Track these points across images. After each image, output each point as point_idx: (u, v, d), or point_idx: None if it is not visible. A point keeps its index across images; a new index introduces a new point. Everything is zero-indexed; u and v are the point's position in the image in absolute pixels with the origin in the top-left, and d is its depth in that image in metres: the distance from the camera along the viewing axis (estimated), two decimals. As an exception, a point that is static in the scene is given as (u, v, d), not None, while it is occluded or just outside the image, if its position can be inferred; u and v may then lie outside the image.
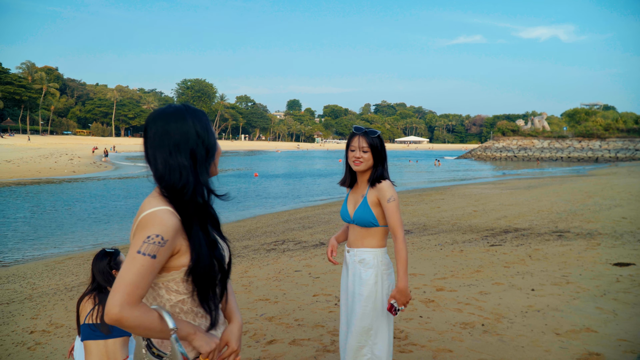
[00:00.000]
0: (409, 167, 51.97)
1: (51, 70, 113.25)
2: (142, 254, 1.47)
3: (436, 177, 36.99)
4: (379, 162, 2.95)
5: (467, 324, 4.64)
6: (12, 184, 24.67)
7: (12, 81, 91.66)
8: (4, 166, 31.38)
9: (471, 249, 8.33)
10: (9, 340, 4.94)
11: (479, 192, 20.56)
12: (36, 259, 10.30)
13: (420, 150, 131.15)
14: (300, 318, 5.03)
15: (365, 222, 2.92)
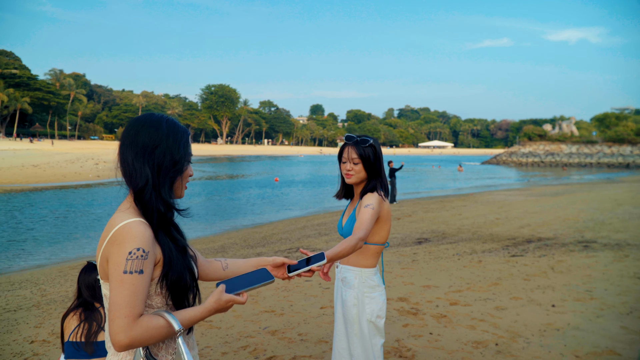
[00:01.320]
0: (432, 172, 51.32)
1: (79, 77, 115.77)
2: (129, 273, 1.43)
3: (459, 183, 36.38)
4: (373, 175, 2.69)
5: (480, 343, 4.35)
6: (37, 189, 25.06)
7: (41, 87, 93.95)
8: (31, 171, 31.95)
9: (490, 259, 7.99)
10: (9, 350, 4.83)
11: (502, 198, 20.05)
12: (51, 265, 10.29)
13: (444, 155, 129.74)
14: (304, 332, 4.81)
15: None
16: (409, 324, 4.89)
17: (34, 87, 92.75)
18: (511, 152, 76.31)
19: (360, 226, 2.52)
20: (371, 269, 2.70)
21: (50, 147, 61.49)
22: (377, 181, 2.69)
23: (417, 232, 11.81)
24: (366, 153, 2.65)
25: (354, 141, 2.69)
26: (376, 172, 2.69)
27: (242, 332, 4.86)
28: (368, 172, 2.68)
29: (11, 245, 12.13)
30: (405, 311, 5.28)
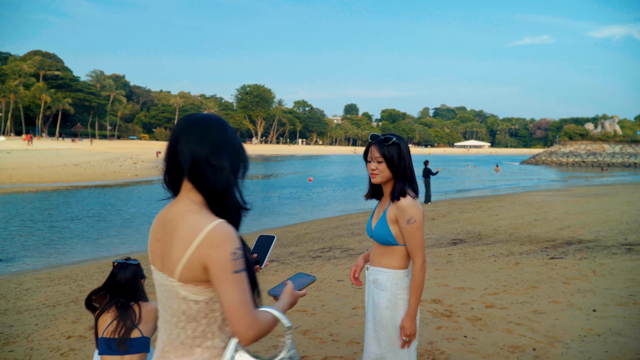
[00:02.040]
0: (467, 172, 50.46)
1: (118, 78, 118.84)
2: (239, 272, 1.47)
3: (496, 183, 35.65)
4: (398, 175, 2.61)
5: (517, 347, 4.21)
6: (78, 187, 25.82)
7: (82, 88, 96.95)
8: (72, 169, 32.95)
9: (528, 261, 7.77)
10: (46, 344, 4.95)
11: (541, 199, 19.52)
12: (90, 261, 10.56)
13: (481, 154, 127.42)
14: (335, 333, 4.76)
15: (382, 240, 2.62)
16: (443, 326, 4.79)
17: (76, 88, 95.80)
18: (551, 151, 74.32)
19: (415, 250, 2.53)
20: (403, 271, 2.63)
21: (89, 146, 63.34)
22: (404, 182, 2.61)
23: (452, 232, 11.61)
24: (389, 152, 2.58)
25: (377, 140, 2.63)
26: (401, 171, 2.61)
27: (273, 332, 4.85)
28: (393, 172, 2.61)
29: (52, 242, 12.51)
30: (439, 313, 5.17)
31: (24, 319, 5.99)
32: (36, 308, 6.58)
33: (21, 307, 6.71)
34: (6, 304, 6.95)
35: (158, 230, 1.62)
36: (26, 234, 13.37)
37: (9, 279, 8.80)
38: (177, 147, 1.57)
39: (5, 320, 5.99)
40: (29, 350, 4.75)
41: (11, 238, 12.75)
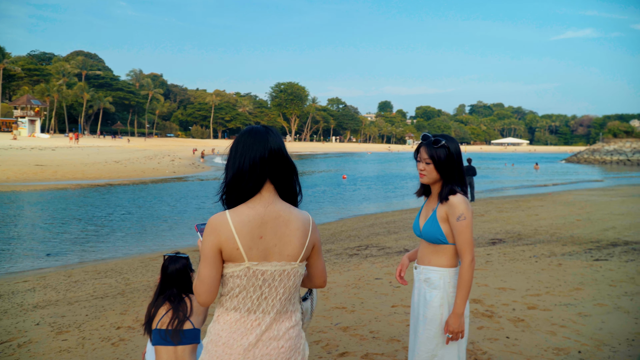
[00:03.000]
0: (504, 171, 49.50)
1: (156, 77, 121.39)
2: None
3: (535, 181, 34.87)
4: (446, 177, 2.62)
5: (561, 349, 4.15)
6: (119, 184, 26.57)
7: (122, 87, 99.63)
8: (113, 166, 33.91)
9: (571, 263, 7.61)
10: (97, 334, 5.15)
11: (584, 199, 19.00)
12: (133, 256, 10.88)
13: (519, 152, 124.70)
14: (375, 330, 4.79)
15: (432, 239, 2.63)
16: (484, 326, 4.76)
17: (116, 87, 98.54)
18: (593, 149, 72.13)
19: (464, 247, 2.55)
20: (454, 269, 2.64)
21: (127, 144, 65.02)
22: (452, 183, 2.62)
23: (491, 232, 11.45)
24: (437, 154, 2.60)
25: (427, 141, 2.65)
26: (450, 174, 2.62)
27: (314, 327, 4.92)
28: (440, 174, 2.62)
29: (96, 237, 12.94)
30: (479, 313, 5.14)
31: (74, 310, 6.24)
32: (85, 299, 6.84)
33: (71, 298, 6.99)
34: (57, 295, 7.25)
35: (258, 229, 1.84)
36: (72, 229, 13.86)
37: (58, 272, 9.16)
38: (288, 156, 1.98)
39: (57, 310, 6.25)
40: (81, 340, 4.96)
41: (58, 233, 13.24)
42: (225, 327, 1.87)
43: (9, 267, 9.73)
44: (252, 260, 1.83)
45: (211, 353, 1.87)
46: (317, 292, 2.25)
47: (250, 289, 1.85)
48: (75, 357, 4.50)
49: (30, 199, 19.90)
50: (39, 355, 4.59)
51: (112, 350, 4.63)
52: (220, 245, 1.81)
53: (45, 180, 25.55)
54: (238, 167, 1.88)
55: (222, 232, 1.81)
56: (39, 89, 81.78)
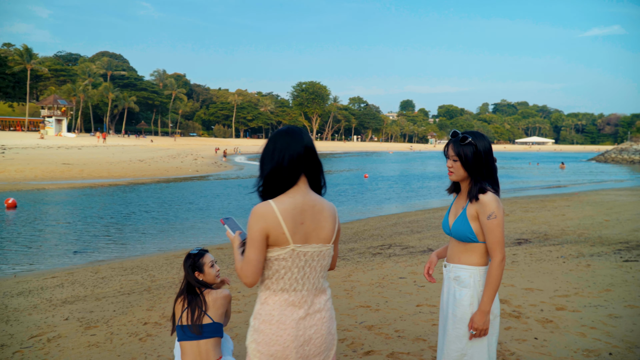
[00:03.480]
0: (529, 170, 48.76)
1: (180, 77, 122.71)
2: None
3: (561, 181, 34.28)
4: (474, 175, 2.58)
5: (592, 351, 4.07)
6: (144, 182, 26.94)
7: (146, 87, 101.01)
8: (137, 165, 34.40)
9: (600, 263, 7.45)
10: (125, 330, 5.23)
11: (612, 199, 18.61)
12: (158, 253, 11.02)
13: (544, 151, 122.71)
14: (401, 329, 4.77)
15: (462, 237, 2.60)
16: (512, 327, 4.69)
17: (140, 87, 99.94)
18: (621, 148, 70.57)
19: (494, 246, 2.49)
20: (485, 267, 2.60)
21: (150, 143, 65.93)
22: (481, 181, 2.57)
23: (516, 232, 11.29)
24: (463, 152, 2.56)
25: (455, 138, 2.63)
26: (477, 172, 2.57)
27: (339, 325, 4.92)
28: (468, 171, 2.58)
29: (121, 234, 13.14)
30: (506, 314, 5.07)
31: (102, 306, 6.34)
32: (112, 295, 6.95)
33: (99, 294, 7.11)
34: (85, 291, 7.39)
35: (299, 216, 2.10)
36: (98, 226, 14.11)
37: (85, 268, 9.33)
38: (309, 155, 2.16)
39: (85, 306, 6.37)
40: (109, 335, 5.04)
41: (85, 231, 13.49)
42: (276, 307, 2.11)
43: (38, 264, 9.95)
44: (296, 243, 2.09)
45: (265, 332, 2.10)
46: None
47: (294, 269, 2.11)
48: (104, 351, 4.57)
49: (58, 197, 20.32)
50: (68, 350, 4.67)
51: (140, 346, 4.69)
52: (267, 231, 2.04)
53: (72, 179, 26.06)
54: (277, 163, 2.10)
55: (269, 219, 2.04)
56: (66, 89, 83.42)
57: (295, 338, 2.10)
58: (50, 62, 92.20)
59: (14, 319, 5.88)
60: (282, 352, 2.09)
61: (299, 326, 2.11)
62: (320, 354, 2.19)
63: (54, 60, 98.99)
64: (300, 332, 2.11)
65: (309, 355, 2.15)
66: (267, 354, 2.10)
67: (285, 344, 2.09)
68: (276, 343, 2.09)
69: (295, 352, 2.10)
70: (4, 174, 25.03)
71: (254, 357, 2.13)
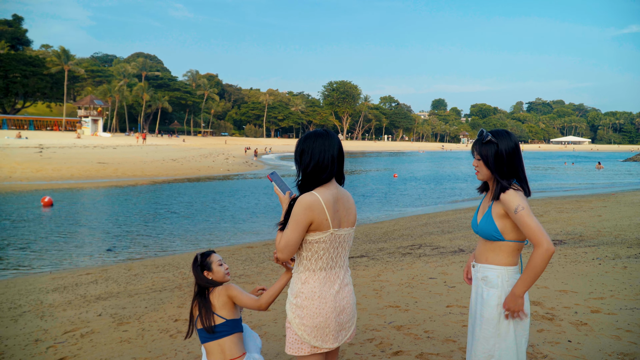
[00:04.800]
0: (564, 170, 47.58)
1: (212, 77, 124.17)
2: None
3: (598, 181, 33.34)
4: (497, 174, 2.53)
5: (627, 354, 3.95)
6: (176, 181, 27.40)
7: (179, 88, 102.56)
8: (170, 164, 35.00)
9: (637, 265, 7.21)
10: (156, 326, 5.33)
11: (650, 199, 18.00)
12: (190, 251, 11.19)
13: (579, 151, 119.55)
14: (430, 330, 4.72)
15: (488, 235, 2.55)
16: (544, 329, 4.59)
17: (174, 88, 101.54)
18: (660, 148, 68.10)
19: (533, 236, 2.37)
20: (513, 267, 2.56)
21: (182, 143, 66.97)
22: (506, 179, 2.52)
23: (550, 233, 11.03)
24: (485, 151, 2.53)
25: (478, 137, 2.60)
26: (499, 171, 2.52)
27: (368, 325, 4.90)
28: (490, 170, 2.55)
29: (154, 232, 13.39)
30: (539, 316, 4.96)
31: (134, 302, 6.48)
32: (144, 292, 7.09)
33: (131, 290, 7.27)
34: (118, 287, 7.56)
35: (334, 205, 2.46)
36: (132, 225, 14.42)
37: (119, 265, 9.56)
38: (340, 155, 2.55)
39: (118, 302, 6.52)
40: (141, 331, 5.14)
41: (118, 228, 13.81)
42: (316, 284, 2.47)
43: (73, 261, 10.23)
44: (334, 227, 2.46)
45: (309, 307, 2.45)
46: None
47: (331, 250, 2.48)
48: (135, 347, 4.66)
49: (93, 196, 20.85)
50: (101, 345, 4.78)
51: (170, 342, 4.77)
52: (313, 219, 2.38)
53: (107, 178, 26.71)
54: (319, 161, 2.45)
55: (316, 208, 2.38)
56: (102, 90, 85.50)
57: (334, 309, 2.47)
58: (87, 63, 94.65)
59: (48, 315, 6.06)
60: (324, 322, 2.45)
61: (336, 299, 2.49)
62: (349, 321, 2.58)
63: (91, 61, 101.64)
64: (337, 303, 2.48)
65: (343, 323, 2.53)
66: (312, 325, 2.44)
67: (327, 315, 2.45)
68: (319, 315, 2.44)
69: (334, 321, 2.47)
70: (42, 173, 25.83)
71: (298, 330, 2.46)
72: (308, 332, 2.45)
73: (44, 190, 20.64)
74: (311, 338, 2.45)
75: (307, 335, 2.45)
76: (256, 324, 5.03)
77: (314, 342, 2.45)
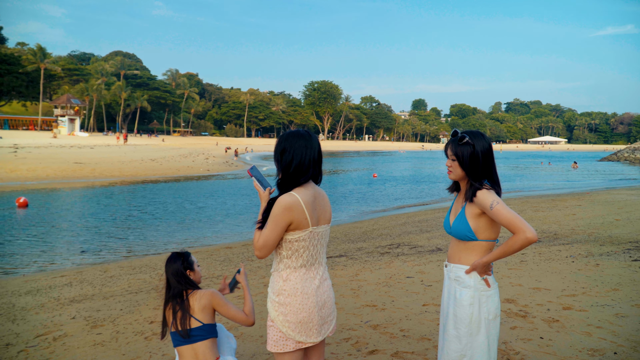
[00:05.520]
0: (541, 170, 48.33)
1: (192, 76, 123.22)
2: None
3: (573, 181, 33.94)
4: (471, 175, 2.55)
5: (597, 350, 4.03)
6: (155, 181, 27.11)
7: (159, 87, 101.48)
8: (149, 164, 34.61)
9: (609, 263, 7.37)
10: (131, 328, 5.27)
11: (624, 198, 18.38)
12: (166, 252, 11.08)
13: (556, 151, 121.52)
14: (406, 328, 4.76)
15: (461, 235, 2.58)
16: (517, 326, 4.66)
17: (153, 87, 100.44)
18: (634, 148, 69.77)
19: (512, 225, 2.38)
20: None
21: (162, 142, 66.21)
22: (479, 180, 2.55)
23: (526, 231, 11.17)
24: (461, 151, 2.55)
25: (453, 138, 2.62)
26: (474, 172, 2.55)
27: (344, 324, 4.92)
28: (465, 171, 2.57)
29: (131, 233, 13.24)
30: (513, 313, 5.04)
31: (109, 304, 6.40)
32: (120, 294, 7.00)
33: (106, 293, 7.18)
34: (93, 289, 7.45)
35: (314, 203, 2.54)
36: (108, 226, 14.23)
37: (94, 267, 9.42)
38: (319, 157, 2.59)
39: (92, 305, 6.43)
40: (115, 334, 5.08)
41: (94, 229, 13.61)
42: (298, 281, 2.52)
43: (48, 263, 10.06)
44: (313, 225, 2.52)
45: (292, 304, 2.50)
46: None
47: (311, 247, 2.54)
48: (109, 350, 4.61)
49: (69, 197, 20.52)
50: (74, 349, 4.71)
51: (145, 344, 4.73)
52: (292, 219, 2.44)
53: (84, 178, 26.30)
54: (300, 162, 2.49)
55: (296, 209, 2.43)
56: (79, 89, 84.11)
57: (317, 304, 2.54)
58: (63, 62, 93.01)
59: (20, 318, 5.95)
60: (308, 317, 2.52)
61: (317, 293, 2.56)
62: (331, 314, 2.66)
63: (68, 59, 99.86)
64: (319, 298, 2.56)
65: (325, 316, 2.60)
66: (296, 321, 2.50)
67: (310, 310, 2.52)
68: (303, 310, 2.50)
69: (317, 315, 2.54)
70: (16, 173, 25.32)
71: (282, 327, 2.51)
72: (292, 328, 2.50)
73: (18, 191, 20.24)
74: (296, 334, 2.50)
75: (291, 332, 2.50)
76: (232, 325, 5.01)
77: (299, 338, 2.51)
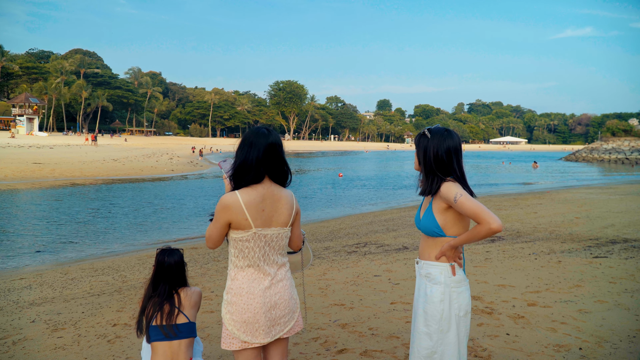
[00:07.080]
0: (502, 169, 49.48)
1: (155, 75, 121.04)
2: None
3: (533, 180, 34.86)
4: (426, 169, 2.58)
5: (562, 346, 4.11)
6: (117, 182, 26.48)
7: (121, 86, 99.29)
8: (111, 164, 33.81)
9: (571, 260, 7.57)
10: (93, 332, 5.10)
11: (583, 197, 18.99)
12: (130, 253, 10.82)
13: (517, 151, 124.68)
14: (374, 327, 4.75)
15: (429, 231, 2.58)
16: (484, 323, 4.72)
17: (114, 86, 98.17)
18: (592, 148, 72.22)
19: (478, 216, 2.36)
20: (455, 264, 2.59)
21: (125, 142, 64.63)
22: (437, 179, 2.55)
23: (490, 229, 11.39)
24: (418, 144, 2.60)
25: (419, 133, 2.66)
26: (428, 167, 2.56)
27: (313, 324, 4.88)
28: (419, 163, 2.61)
29: (93, 234, 12.88)
30: (479, 310, 5.10)
31: (71, 307, 6.19)
32: (82, 297, 6.78)
33: (68, 295, 6.94)
34: (53, 292, 7.20)
35: (260, 204, 2.46)
36: (69, 226, 13.80)
37: (55, 269, 9.11)
38: (281, 154, 2.54)
39: (53, 308, 6.20)
40: (77, 337, 4.90)
41: (53, 230, 13.18)
42: (244, 281, 2.49)
43: (6, 265, 9.67)
44: (258, 227, 2.46)
45: (237, 303, 2.48)
46: (308, 243, 2.90)
47: (257, 249, 2.48)
48: (70, 354, 4.44)
49: (27, 197, 19.83)
50: (34, 353, 4.53)
51: (108, 348, 4.58)
52: (230, 219, 2.42)
53: (43, 178, 25.47)
54: (244, 160, 2.45)
55: (234, 208, 2.41)
56: (37, 87, 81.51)
57: (263, 305, 2.49)
58: (21, 60, 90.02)
59: (-23, 322, 5.69)
60: (253, 318, 2.48)
61: (266, 294, 2.50)
62: (285, 316, 2.58)
63: (26, 57, 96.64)
64: (267, 299, 2.49)
65: (276, 318, 2.54)
66: (240, 321, 2.48)
67: (255, 311, 2.47)
68: (247, 311, 2.47)
69: (264, 316, 2.49)
70: (-29, 174, 24.31)
71: (229, 325, 2.50)
72: (237, 327, 2.49)
73: (-28, 192, 19.42)
74: (240, 333, 2.48)
75: (236, 331, 2.49)
76: (199, 327, 4.91)
77: (244, 337, 2.49)
